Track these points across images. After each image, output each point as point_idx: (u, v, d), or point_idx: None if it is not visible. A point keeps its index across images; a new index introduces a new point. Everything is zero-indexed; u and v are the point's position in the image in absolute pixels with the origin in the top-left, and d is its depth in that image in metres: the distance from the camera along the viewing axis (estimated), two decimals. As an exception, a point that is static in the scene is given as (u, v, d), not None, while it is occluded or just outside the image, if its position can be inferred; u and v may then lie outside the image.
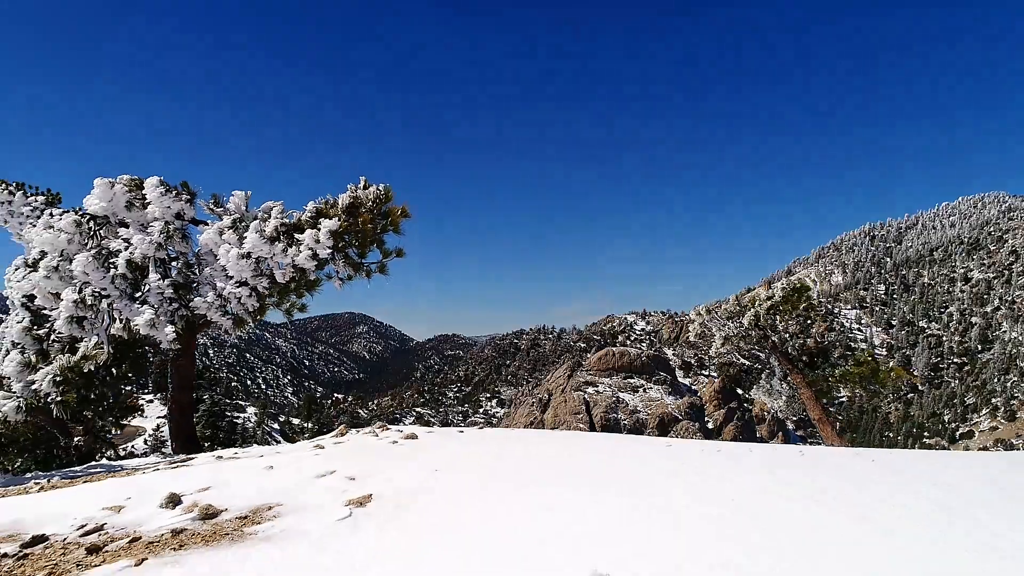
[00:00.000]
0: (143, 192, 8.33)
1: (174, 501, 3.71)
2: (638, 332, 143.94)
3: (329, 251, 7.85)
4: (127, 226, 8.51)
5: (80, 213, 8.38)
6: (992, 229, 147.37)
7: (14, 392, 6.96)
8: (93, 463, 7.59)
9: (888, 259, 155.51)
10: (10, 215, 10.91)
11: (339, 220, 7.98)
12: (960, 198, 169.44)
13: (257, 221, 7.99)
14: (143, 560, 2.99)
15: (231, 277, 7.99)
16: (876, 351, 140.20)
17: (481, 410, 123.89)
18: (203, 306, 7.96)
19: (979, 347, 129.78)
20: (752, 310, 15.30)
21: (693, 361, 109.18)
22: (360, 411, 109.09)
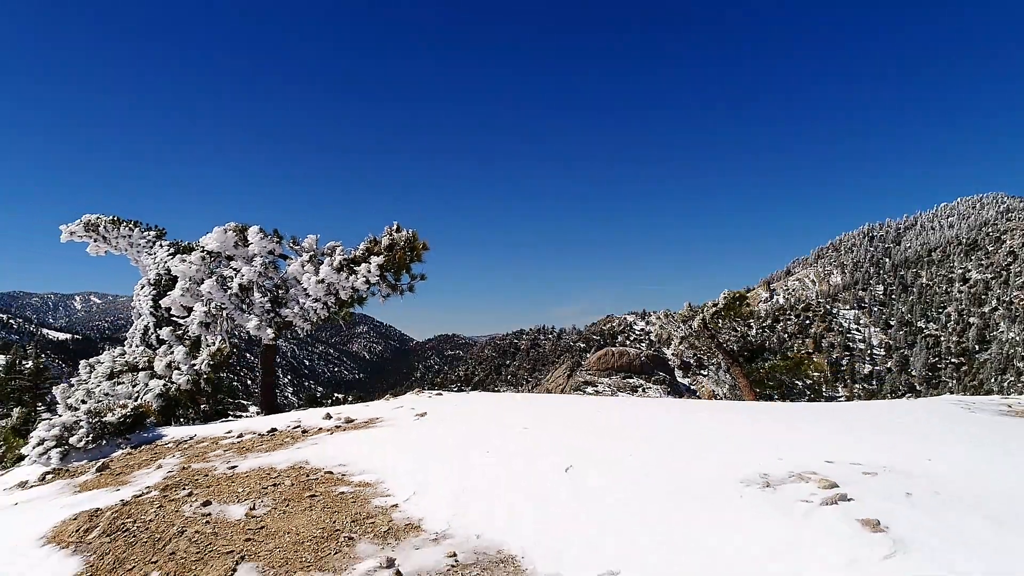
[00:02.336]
0: (246, 235, 12.35)
1: (328, 416, 7.72)
2: (637, 332, 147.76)
3: (377, 277, 11.88)
4: (233, 259, 12.53)
5: (201, 249, 12.39)
6: (990, 230, 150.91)
7: (182, 370, 10.91)
8: (229, 418, 11.59)
9: (887, 259, 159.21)
10: (130, 245, 14.98)
11: (383, 256, 12.01)
12: (959, 199, 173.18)
13: (328, 257, 12.03)
14: (331, 431, 7.04)
15: (309, 295, 12.01)
16: (875, 351, 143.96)
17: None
18: (290, 315, 12.00)
19: (977, 347, 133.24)
20: (700, 315, 19.31)
21: (692, 361, 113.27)
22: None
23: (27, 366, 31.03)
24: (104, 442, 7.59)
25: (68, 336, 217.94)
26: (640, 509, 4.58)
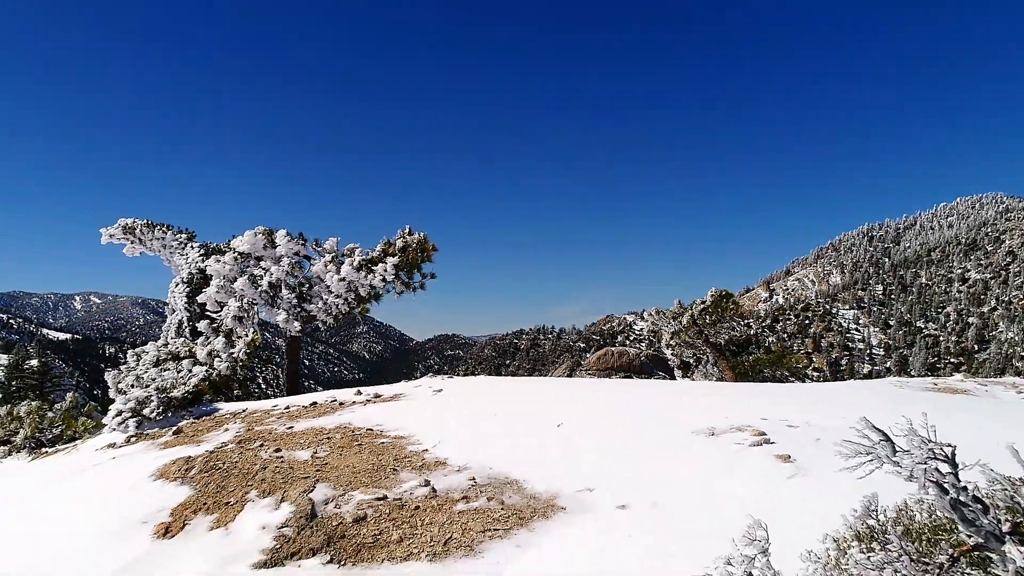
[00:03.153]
0: (274, 238, 13.82)
1: (359, 392, 9.19)
2: (637, 332, 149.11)
3: (392, 276, 13.35)
4: (262, 259, 14.00)
5: (233, 251, 13.85)
6: (989, 230, 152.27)
7: (222, 358, 12.36)
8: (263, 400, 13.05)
9: (886, 259, 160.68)
10: (163, 247, 16.46)
11: (397, 256, 13.48)
12: (958, 199, 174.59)
13: (348, 257, 13.51)
14: (364, 403, 8.52)
15: (332, 292, 13.48)
16: (874, 351, 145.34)
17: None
18: (315, 310, 13.47)
19: (976, 347, 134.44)
20: (689, 312, 20.79)
21: (692, 360, 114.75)
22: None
23: (31, 365, 32.48)
24: (170, 413, 9.06)
25: (68, 336, 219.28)
26: (612, 451, 6.07)
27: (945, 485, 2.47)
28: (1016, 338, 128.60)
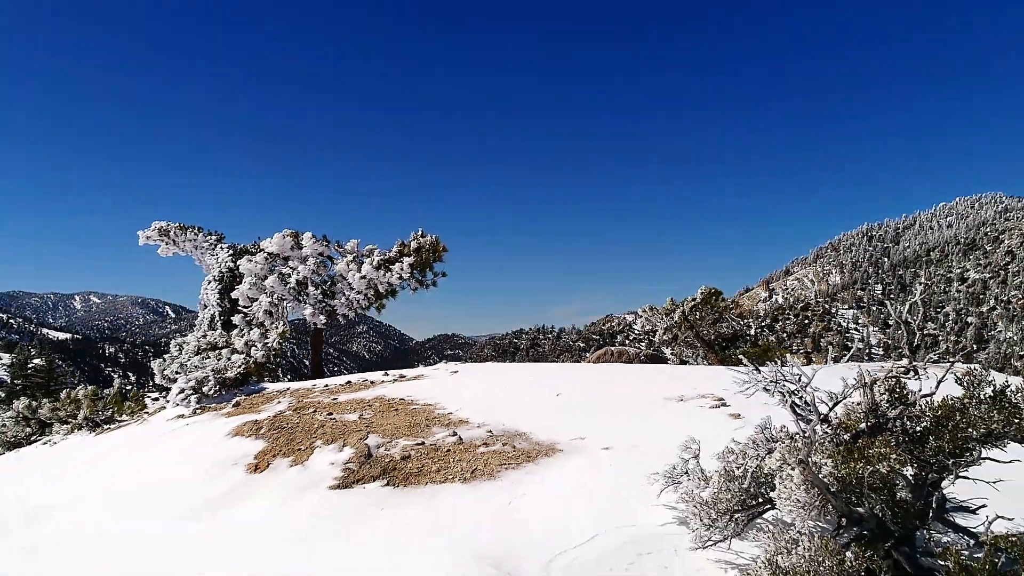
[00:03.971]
0: (300, 240, 15.38)
1: (386, 374, 10.76)
2: (637, 332, 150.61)
3: (408, 274, 14.92)
4: (289, 259, 15.56)
5: (264, 252, 15.41)
6: (988, 230, 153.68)
7: (258, 347, 13.91)
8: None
9: (886, 259, 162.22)
10: (195, 248, 18.03)
11: (412, 257, 15.05)
12: (958, 198, 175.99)
13: (367, 257, 15.07)
14: (392, 381, 10.10)
15: (353, 288, 15.05)
16: (873, 351, 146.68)
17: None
18: (338, 305, 15.04)
19: (975, 346, 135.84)
20: (680, 308, 22.34)
21: (690, 360, 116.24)
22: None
23: (36, 364, 33.88)
24: (223, 392, 10.61)
25: (68, 336, 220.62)
26: (601, 413, 7.64)
27: (784, 394, 4.07)
28: (1015, 337, 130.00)
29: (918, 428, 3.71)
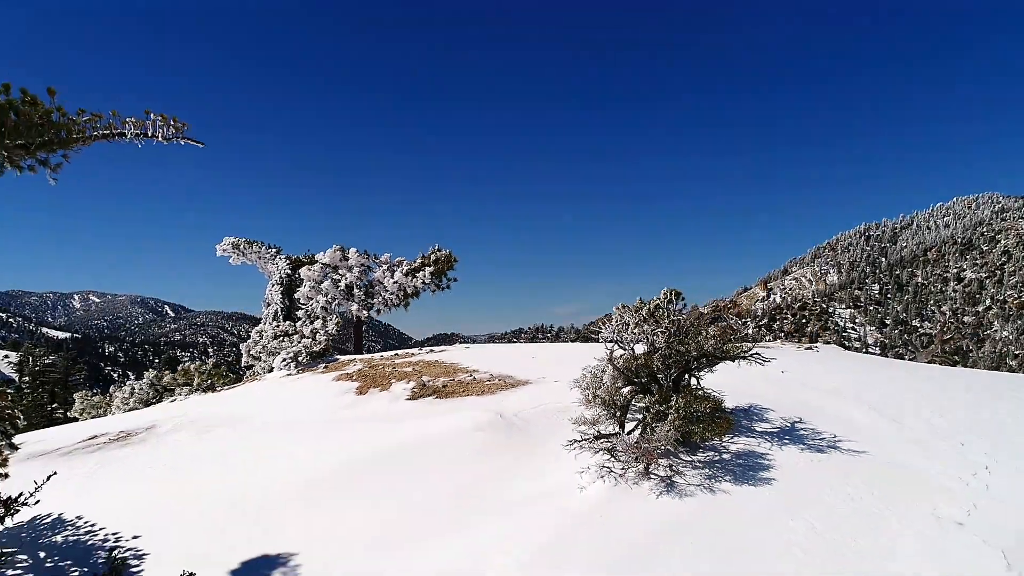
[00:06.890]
0: (346, 253, 20.89)
1: (420, 349, 16.22)
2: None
3: (429, 280, 20.42)
4: (338, 268, 21.07)
5: (319, 262, 20.92)
6: (985, 229, 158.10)
7: (321, 333, 19.37)
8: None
9: (883, 259, 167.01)
10: (259, 258, 23.56)
11: (432, 267, 20.57)
12: (955, 198, 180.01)
13: (398, 267, 20.58)
14: (428, 352, 15.65)
15: (388, 291, 20.54)
16: (870, 350, 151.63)
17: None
18: (376, 305, 20.55)
19: (971, 346, 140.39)
20: (647, 307, 27.87)
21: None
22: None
23: (51, 360, 38.60)
24: (310, 360, 16.08)
25: (67, 335, 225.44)
26: (557, 365, 13.13)
27: (609, 348, 9.61)
28: (1010, 336, 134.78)
29: (674, 352, 9.15)
